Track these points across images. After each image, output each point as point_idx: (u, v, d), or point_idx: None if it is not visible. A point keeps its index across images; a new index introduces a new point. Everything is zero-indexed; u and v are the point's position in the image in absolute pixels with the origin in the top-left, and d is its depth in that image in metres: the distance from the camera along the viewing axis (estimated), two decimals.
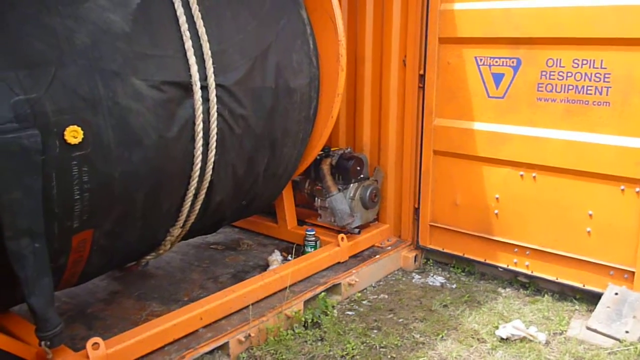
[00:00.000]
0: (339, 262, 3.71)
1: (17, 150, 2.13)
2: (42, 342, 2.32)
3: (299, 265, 3.44)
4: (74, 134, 2.30)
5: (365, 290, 3.66)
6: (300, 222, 4.16)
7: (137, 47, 2.55)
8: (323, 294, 3.29)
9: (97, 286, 3.41)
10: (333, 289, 3.48)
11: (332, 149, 4.02)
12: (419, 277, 3.88)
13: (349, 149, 4.04)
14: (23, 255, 2.23)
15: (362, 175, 3.93)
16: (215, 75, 2.84)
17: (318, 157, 3.91)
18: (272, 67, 3.15)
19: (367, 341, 3.02)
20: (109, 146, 2.44)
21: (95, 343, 2.45)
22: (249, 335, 2.89)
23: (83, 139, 2.33)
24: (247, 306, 3.06)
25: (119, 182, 2.53)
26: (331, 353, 2.91)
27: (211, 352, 2.77)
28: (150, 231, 2.93)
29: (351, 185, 3.87)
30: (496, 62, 3.46)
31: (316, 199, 3.99)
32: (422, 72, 3.77)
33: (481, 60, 3.52)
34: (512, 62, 3.40)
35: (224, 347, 2.81)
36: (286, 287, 3.25)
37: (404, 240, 4.12)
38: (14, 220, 2.18)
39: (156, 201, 2.79)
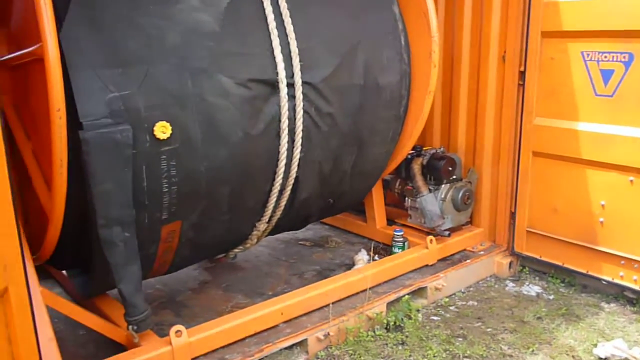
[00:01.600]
0: (426, 265, 3.60)
1: (110, 144, 2.26)
2: (130, 326, 2.46)
3: (384, 266, 3.37)
4: (162, 130, 2.40)
5: (453, 296, 3.52)
6: (390, 221, 4.09)
7: (225, 46, 2.62)
8: (407, 296, 3.20)
9: (188, 275, 3.56)
10: (418, 292, 3.38)
11: (424, 149, 3.90)
12: (513, 285, 3.66)
13: (441, 149, 3.90)
14: (114, 243, 2.37)
15: (454, 176, 3.78)
16: (302, 73, 2.85)
17: (409, 157, 3.82)
18: (360, 64, 3.10)
19: (450, 349, 2.90)
20: (196, 142, 2.53)
21: (178, 331, 2.55)
22: (328, 333, 2.88)
23: (171, 134, 2.42)
24: (328, 304, 3.05)
25: (205, 176, 2.61)
26: (411, 358, 2.83)
27: (290, 347, 2.79)
28: (237, 225, 3.00)
29: (442, 186, 3.74)
30: (605, 57, 3.17)
31: (406, 198, 3.89)
32: (522, 68, 3.54)
33: (588, 55, 3.24)
34: (624, 57, 3.10)
35: (302, 344, 2.82)
36: (368, 288, 3.20)
37: (498, 246, 3.91)
38: (106, 210, 2.32)
39: (242, 196, 2.85)
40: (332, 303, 3.03)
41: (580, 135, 3.32)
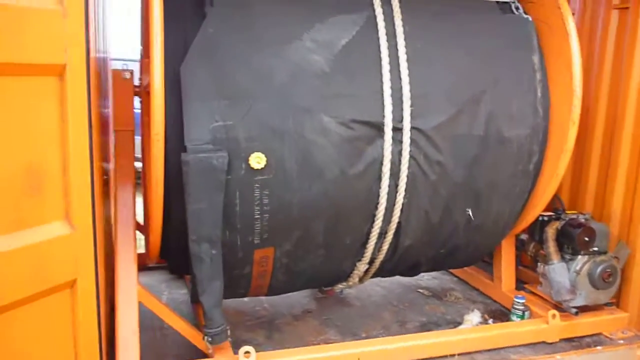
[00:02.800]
0: (544, 342, 3.21)
1: (207, 167, 2.49)
2: (205, 337, 2.65)
3: (487, 333, 3.10)
4: (257, 160, 2.56)
5: None
6: (521, 285, 3.74)
7: (333, 87, 2.70)
8: None
9: (297, 302, 3.68)
10: None
11: (566, 212, 3.51)
12: None
13: (586, 215, 3.46)
14: (201, 259, 2.58)
15: (596, 248, 3.32)
16: (412, 118, 2.80)
17: (546, 219, 3.47)
18: (483, 114, 2.94)
19: None
20: (290, 175, 2.65)
21: (247, 352, 2.66)
22: None
23: (266, 165, 2.58)
24: None
25: (298, 209, 2.72)
26: None
27: None
28: (334, 260, 3.04)
29: (579, 257, 3.31)
30: None
31: (539, 264, 3.53)
32: None
33: None
34: None
35: None
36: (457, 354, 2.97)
37: None
38: (198, 227, 2.54)
39: (337, 233, 2.89)
40: None
41: None
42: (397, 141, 2.79)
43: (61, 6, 1.77)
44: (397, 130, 2.78)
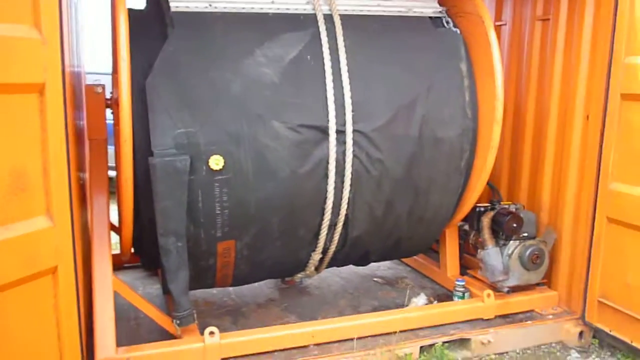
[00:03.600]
0: (482, 319, 3.60)
1: (171, 169, 2.83)
2: (174, 320, 2.98)
3: (428, 311, 3.49)
4: (216, 162, 2.92)
5: (504, 354, 3.47)
6: (466, 271, 4.13)
7: (281, 96, 3.07)
8: (440, 343, 3.27)
9: (262, 292, 4.03)
10: (463, 343, 3.42)
11: (502, 203, 3.92)
12: (577, 355, 3.48)
13: (517, 205, 3.87)
14: (169, 250, 2.92)
15: (526, 234, 3.73)
16: (354, 122, 3.18)
17: (482, 209, 3.88)
18: (417, 118, 3.32)
19: None
20: (246, 174, 3.00)
21: (212, 332, 3.00)
22: None
23: (224, 166, 2.93)
24: (365, 337, 3.27)
25: (254, 205, 3.07)
26: None
27: None
28: (290, 251, 3.39)
29: (511, 242, 3.71)
30: None
31: (478, 250, 3.92)
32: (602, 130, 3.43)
33: None
34: None
35: None
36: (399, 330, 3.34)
37: (572, 312, 3.73)
38: (165, 222, 2.89)
39: (291, 225, 3.24)
40: (364, 337, 3.25)
41: None
42: (341, 142, 3.16)
43: (41, 35, 2.12)
44: (341, 132, 3.15)
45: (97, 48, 6.14)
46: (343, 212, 3.31)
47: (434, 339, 3.33)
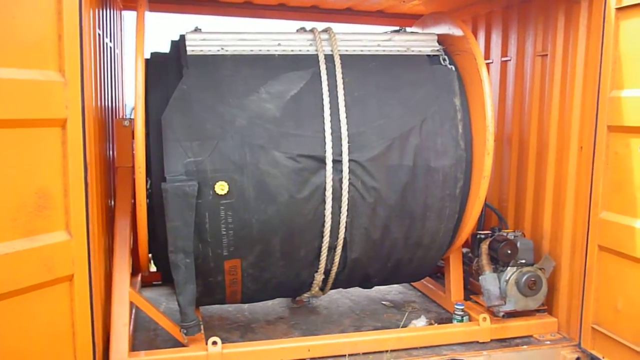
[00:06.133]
0: (477, 342, 3.74)
1: (181, 193, 3.19)
2: (181, 330, 3.31)
3: (422, 332, 3.67)
4: (221, 187, 3.26)
5: None
6: (469, 295, 4.28)
7: (282, 128, 3.39)
8: None
9: (273, 310, 4.31)
10: None
11: (502, 231, 4.07)
12: None
13: (517, 233, 4.02)
14: (178, 266, 3.27)
15: (523, 260, 3.86)
16: (350, 152, 3.46)
17: (483, 236, 4.06)
18: (411, 148, 3.56)
19: None
20: (249, 199, 3.33)
21: (215, 342, 3.30)
22: None
23: (228, 191, 3.27)
24: (357, 354, 3.49)
25: (257, 226, 3.38)
26: None
27: None
28: (293, 270, 3.67)
29: (509, 268, 3.86)
30: None
31: (479, 276, 4.08)
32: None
33: None
34: None
35: None
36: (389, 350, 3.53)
37: (570, 339, 3.81)
38: (175, 240, 3.24)
39: (292, 247, 3.53)
40: (357, 354, 3.46)
41: None
42: (338, 171, 3.44)
43: (64, 78, 2.54)
44: (337, 162, 3.44)
45: None
46: (341, 235, 3.56)
47: (426, 359, 3.50)
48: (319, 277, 3.74)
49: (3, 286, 2.42)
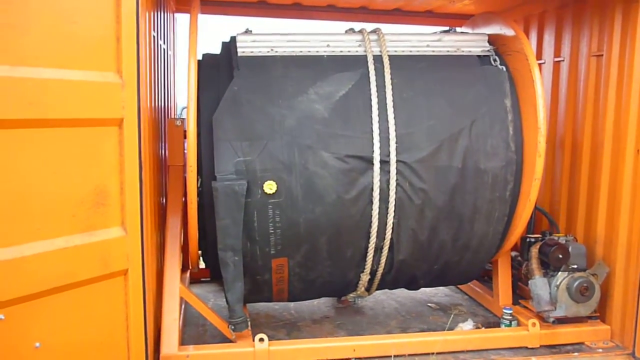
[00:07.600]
0: (526, 348, 3.66)
1: (231, 192, 3.26)
2: (229, 326, 3.37)
3: (470, 335, 3.62)
4: (270, 187, 3.31)
5: None
6: (518, 300, 4.20)
7: (331, 129, 3.41)
8: None
9: (319, 309, 4.34)
10: None
11: (556, 235, 3.98)
12: None
13: (569, 237, 3.92)
14: (227, 263, 3.33)
15: (575, 266, 3.76)
16: (398, 153, 3.45)
17: (533, 240, 3.98)
18: (460, 150, 3.53)
19: None
20: (296, 198, 3.36)
21: (262, 338, 3.35)
22: None
23: (277, 190, 3.31)
24: (403, 355, 3.47)
25: (304, 226, 3.42)
26: None
27: None
28: (340, 271, 3.68)
29: (559, 273, 3.76)
30: None
31: (529, 280, 4.00)
32: None
33: None
34: None
35: None
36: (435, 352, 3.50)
37: (625, 348, 3.69)
38: (224, 238, 3.30)
39: (339, 247, 3.55)
40: (403, 355, 3.45)
41: None
42: (385, 172, 3.44)
43: (121, 80, 2.63)
44: (385, 162, 3.43)
45: None
46: (388, 236, 3.56)
47: None
48: (365, 277, 3.75)
49: (63, 279, 2.53)
